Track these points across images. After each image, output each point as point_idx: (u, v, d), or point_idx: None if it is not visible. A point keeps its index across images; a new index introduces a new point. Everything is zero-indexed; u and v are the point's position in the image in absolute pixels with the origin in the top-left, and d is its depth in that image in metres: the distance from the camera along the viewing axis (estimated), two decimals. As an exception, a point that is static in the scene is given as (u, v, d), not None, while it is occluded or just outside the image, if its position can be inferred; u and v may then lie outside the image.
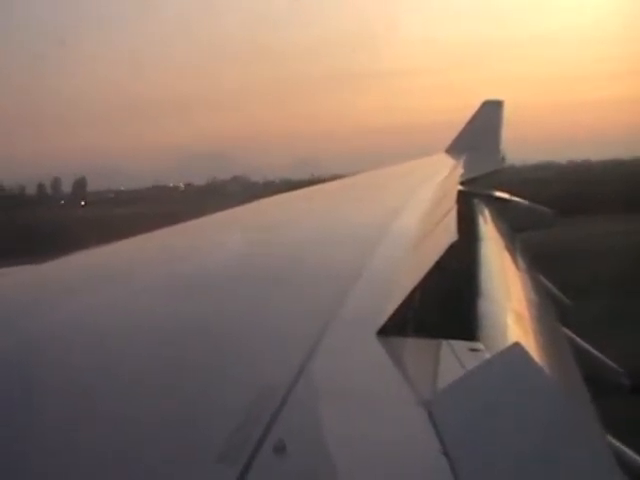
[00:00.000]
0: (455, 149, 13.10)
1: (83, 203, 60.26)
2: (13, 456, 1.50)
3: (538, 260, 6.99)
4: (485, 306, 3.13)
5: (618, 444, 3.53)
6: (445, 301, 3.09)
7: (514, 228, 7.46)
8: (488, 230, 6.13)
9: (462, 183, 7.57)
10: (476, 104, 14.77)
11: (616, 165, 57.05)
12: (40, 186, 66.08)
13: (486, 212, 7.22)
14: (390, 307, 2.37)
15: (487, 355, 2.17)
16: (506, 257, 5.37)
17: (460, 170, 9.03)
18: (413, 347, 2.33)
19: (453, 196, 5.12)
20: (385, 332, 2.21)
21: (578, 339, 5.59)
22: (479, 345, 2.34)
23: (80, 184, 67.78)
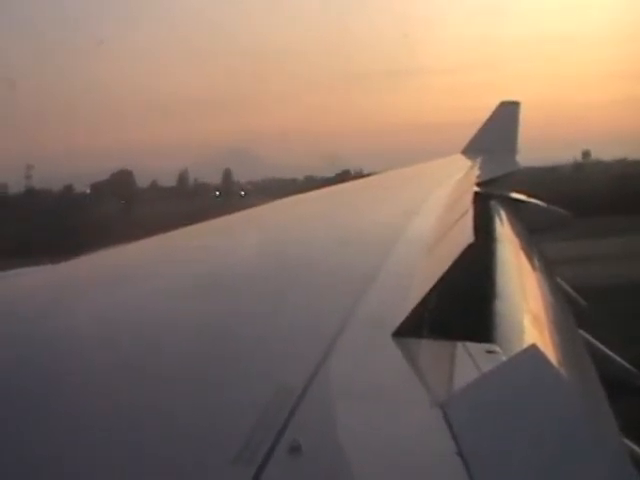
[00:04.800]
0: (471, 150, 13.04)
1: (243, 193, 59.22)
2: (30, 447, 1.51)
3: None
4: (501, 308, 3.12)
5: (636, 447, 3.50)
6: (461, 303, 3.07)
7: (531, 229, 7.43)
8: (504, 232, 6.09)
9: (479, 184, 7.53)
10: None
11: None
12: (181, 178, 65.84)
13: (502, 213, 7.18)
14: (406, 308, 2.36)
15: (503, 357, 2.16)
16: (522, 259, 5.34)
17: (476, 171, 8.99)
18: (429, 349, 2.33)
19: (469, 197, 5.09)
20: (401, 333, 2.21)
21: (595, 341, 5.55)
22: (495, 347, 2.33)
23: (227, 175, 67.56)
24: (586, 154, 58.53)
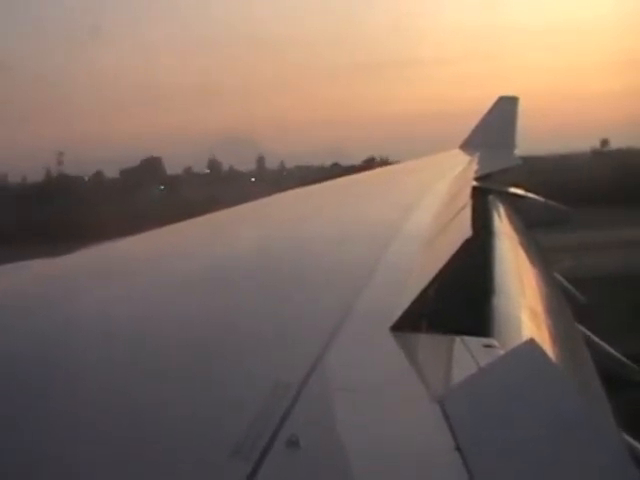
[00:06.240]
0: (469, 145, 13.02)
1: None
2: (34, 445, 1.51)
3: None
4: (499, 303, 3.12)
5: (634, 441, 3.51)
6: (459, 297, 3.07)
7: (529, 224, 7.43)
8: (502, 226, 6.09)
9: (477, 179, 7.53)
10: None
11: None
12: (212, 163, 65.20)
13: (501, 208, 7.18)
14: (404, 303, 2.36)
15: (501, 351, 2.17)
16: (520, 253, 5.35)
17: (475, 166, 8.98)
18: (427, 343, 2.33)
19: (468, 192, 5.09)
20: (399, 328, 2.21)
21: (593, 336, 5.55)
22: (493, 341, 2.33)
23: (261, 161, 67.12)
24: (604, 142, 57.96)
